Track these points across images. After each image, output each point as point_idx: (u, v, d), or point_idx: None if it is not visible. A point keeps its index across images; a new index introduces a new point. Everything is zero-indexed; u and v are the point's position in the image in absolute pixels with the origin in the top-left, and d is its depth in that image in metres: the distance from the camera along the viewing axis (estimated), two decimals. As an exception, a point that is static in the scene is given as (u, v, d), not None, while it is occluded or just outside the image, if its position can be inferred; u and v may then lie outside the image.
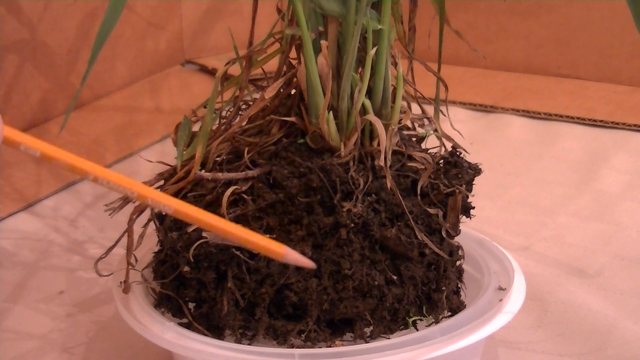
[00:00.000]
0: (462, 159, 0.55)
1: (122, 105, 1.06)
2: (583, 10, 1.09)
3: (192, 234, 0.50)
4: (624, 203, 0.80)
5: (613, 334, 0.60)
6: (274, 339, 0.51)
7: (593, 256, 0.71)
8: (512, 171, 0.88)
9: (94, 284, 0.69)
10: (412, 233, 0.51)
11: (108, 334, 0.63)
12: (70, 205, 0.83)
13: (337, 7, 0.51)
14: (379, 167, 0.51)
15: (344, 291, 0.50)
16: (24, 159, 0.89)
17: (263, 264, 0.50)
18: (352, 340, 0.51)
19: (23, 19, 0.94)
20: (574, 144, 0.93)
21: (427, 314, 0.52)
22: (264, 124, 0.55)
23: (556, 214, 0.79)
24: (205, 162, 0.54)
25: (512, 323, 0.52)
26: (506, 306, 0.53)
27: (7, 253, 0.74)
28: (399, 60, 0.55)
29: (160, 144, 0.97)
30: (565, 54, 1.11)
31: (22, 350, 0.61)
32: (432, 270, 0.52)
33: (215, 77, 0.55)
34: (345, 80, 0.51)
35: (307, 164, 0.51)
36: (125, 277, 0.54)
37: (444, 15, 0.58)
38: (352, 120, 0.51)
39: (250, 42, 0.57)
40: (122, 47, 1.09)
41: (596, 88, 1.07)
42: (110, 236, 0.64)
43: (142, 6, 1.11)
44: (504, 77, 1.13)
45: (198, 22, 1.21)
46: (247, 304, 0.51)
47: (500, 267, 0.57)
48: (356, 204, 0.50)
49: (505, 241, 0.74)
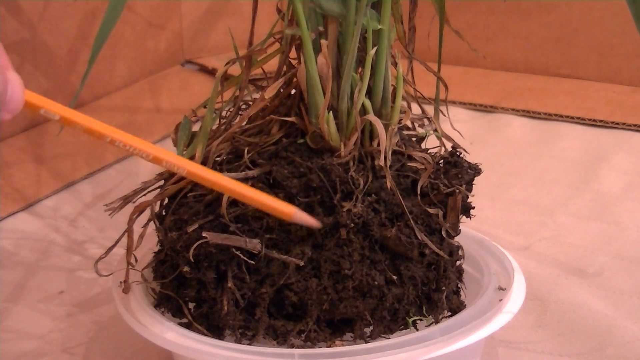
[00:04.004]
0: (462, 159, 0.55)
1: (122, 105, 1.06)
2: (583, 10, 1.09)
3: (192, 234, 0.50)
4: (624, 203, 0.80)
5: (613, 334, 0.60)
6: (274, 339, 0.51)
7: (593, 256, 0.71)
8: (512, 171, 0.88)
9: (94, 284, 0.69)
10: (412, 233, 0.51)
11: (108, 334, 0.63)
12: (70, 205, 0.83)
13: (337, 7, 0.51)
14: (379, 167, 0.51)
15: (344, 291, 0.50)
16: (24, 158, 0.89)
17: (263, 264, 0.50)
18: (352, 340, 0.51)
19: (23, 19, 0.94)
20: (574, 144, 0.93)
21: (427, 314, 0.52)
22: (264, 124, 0.55)
23: (556, 214, 0.79)
24: (205, 162, 0.54)
25: (512, 323, 0.52)
26: (506, 306, 0.53)
27: (7, 253, 0.74)
28: (399, 60, 0.55)
29: (160, 144, 0.96)
30: (565, 54, 1.11)
31: (22, 350, 0.61)
32: (432, 270, 0.52)
33: (215, 77, 0.55)
34: (345, 80, 0.51)
35: (307, 164, 0.51)
36: (125, 277, 0.54)
37: (444, 15, 0.58)
38: (352, 120, 0.51)
39: (250, 42, 0.57)
40: (122, 47, 1.09)
41: (596, 88, 1.07)
42: (110, 236, 0.64)
43: (142, 6, 1.11)
44: (504, 77, 1.13)
45: (198, 22, 1.21)
46: (247, 304, 0.51)
47: (500, 267, 0.57)
48: (356, 204, 0.50)
49: (505, 241, 0.74)
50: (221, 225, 0.50)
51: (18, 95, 0.39)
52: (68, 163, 0.89)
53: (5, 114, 0.39)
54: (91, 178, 0.88)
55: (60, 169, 0.88)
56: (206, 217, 0.51)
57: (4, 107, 0.39)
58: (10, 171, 0.87)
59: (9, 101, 0.39)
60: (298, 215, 0.47)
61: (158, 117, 1.05)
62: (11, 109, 0.39)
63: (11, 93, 0.39)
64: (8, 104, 0.39)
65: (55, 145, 0.92)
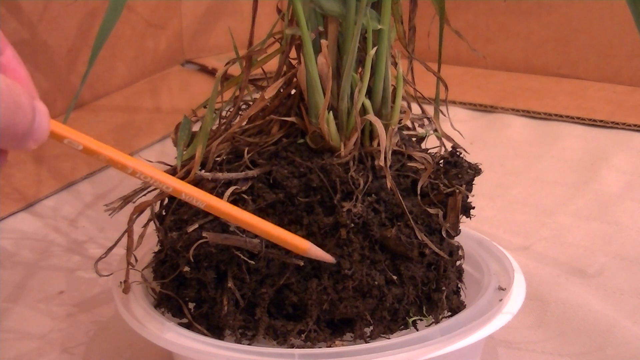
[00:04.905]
0: (462, 159, 0.55)
1: (122, 105, 1.06)
2: (583, 10, 1.09)
3: (192, 234, 0.50)
4: (624, 203, 0.80)
5: (613, 334, 0.60)
6: (274, 339, 0.51)
7: (593, 256, 0.71)
8: (512, 171, 0.88)
9: (94, 284, 0.69)
10: (412, 233, 0.51)
11: (108, 334, 0.63)
12: (70, 205, 0.83)
13: (337, 7, 0.51)
14: (379, 167, 0.51)
15: (344, 291, 0.50)
16: (24, 159, 0.89)
17: (263, 264, 0.50)
18: (352, 340, 0.51)
19: (23, 19, 0.94)
20: (574, 144, 0.93)
21: (427, 314, 0.52)
22: (264, 124, 0.55)
23: (556, 214, 0.79)
24: (205, 162, 0.54)
25: (512, 323, 0.52)
26: (506, 306, 0.53)
27: (7, 253, 0.74)
28: (399, 60, 0.55)
29: (160, 144, 0.97)
30: (565, 54, 1.11)
31: (22, 350, 0.61)
32: (432, 270, 0.52)
33: (215, 77, 0.55)
34: (345, 80, 0.51)
35: (307, 164, 0.51)
36: (125, 277, 0.54)
37: (444, 15, 0.58)
38: (352, 120, 0.51)
39: (250, 42, 0.57)
40: (122, 47, 1.09)
41: (596, 88, 1.07)
42: (110, 236, 0.64)
43: (142, 6, 1.11)
44: (504, 77, 1.13)
45: (198, 22, 1.21)
46: (247, 304, 0.51)
47: (500, 267, 0.57)
48: (356, 204, 0.50)
49: (505, 241, 0.74)
50: (221, 225, 0.50)
51: (44, 124, 0.40)
52: (68, 163, 0.89)
53: (31, 143, 0.40)
54: (91, 178, 0.88)
55: (60, 169, 0.88)
56: (206, 217, 0.50)
57: (31, 136, 0.39)
58: (10, 171, 0.86)
59: (36, 130, 0.39)
60: (312, 250, 0.49)
61: (158, 117, 1.05)
62: (37, 138, 0.40)
63: (38, 122, 0.39)
64: (35, 133, 0.39)
65: (55, 145, 0.91)
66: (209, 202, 0.47)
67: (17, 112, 0.38)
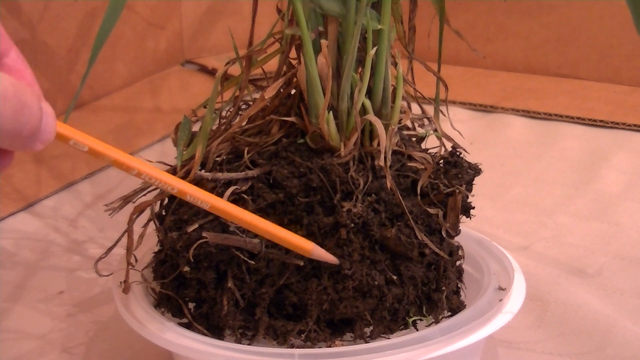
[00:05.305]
0: (462, 159, 0.55)
1: (122, 105, 1.06)
2: (583, 10, 1.09)
3: (192, 234, 0.50)
4: (624, 203, 0.80)
5: (613, 334, 0.60)
6: (274, 339, 0.51)
7: (593, 256, 0.71)
8: (512, 171, 0.88)
9: (94, 284, 0.69)
10: (412, 233, 0.51)
11: (108, 334, 0.63)
12: (70, 205, 0.83)
13: (337, 7, 0.51)
14: (379, 167, 0.51)
15: (344, 291, 0.50)
16: (23, 159, 0.89)
17: (263, 264, 0.50)
18: (352, 340, 0.51)
19: (23, 19, 0.94)
20: (574, 144, 0.93)
21: (427, 314, 0.52)
22: (264, 124, 0.55)
23: (556, 214, 0.79)
24: (205, 162, 0.54)
25: (512, 323, 0.52)
26: (506, 306, 0.53)
27: (7, 253, 0.74)
28: (399, 60, 0.55)
29: (160, 144, 0.97)
30: (565, 54, 1.11)
31: (22, 350, 0.61)
32: (432, 270, 0.52)
33: (215, 77, 0.55)
34: (345, 80, 0.51)
35: (307, 164, 0.51)
36: (125, 277, 0.54)
37: (444, 15, 0.58)
38: (352, 120, 0.51)
39: (250, 42, 0.57)
40: (122, 47, 1.09)
41: (596, 88, 1.07)
42: (110, 236, 0.64)
43: (142, 6, 1.11)
44: (504, 77, 1.13)
45: (198, 22, 1.21)
46: (247, 304, 0.51)
47: (500, 267, 0.57)
48: (356, 204, 0.50)
49: (505, 241, 0.74)
50: (221, 225, 0.50)
51: (51, 126, 0.40)
52: (68, 163, 0.89)
53: (38, 144, 0.40)
54: (91, 178, 0.88)
55: (60, 169, 0.88)
56: (206, 217, 0.50)
57: (38, 137, 0.39)
58: (10, 171, 0.86)
59: (43, 131, 0.40)
60: (316, 251, 0.49)
61: (158, 117, 1.05)
62: (44, 140, 0.40)
63: (45, 123, 0.40)
64: (42, 134, 0.40)
65: (55, 145, 0.91)
66: (213, 204, 0.47)
67: (24, 113, 0.38)
